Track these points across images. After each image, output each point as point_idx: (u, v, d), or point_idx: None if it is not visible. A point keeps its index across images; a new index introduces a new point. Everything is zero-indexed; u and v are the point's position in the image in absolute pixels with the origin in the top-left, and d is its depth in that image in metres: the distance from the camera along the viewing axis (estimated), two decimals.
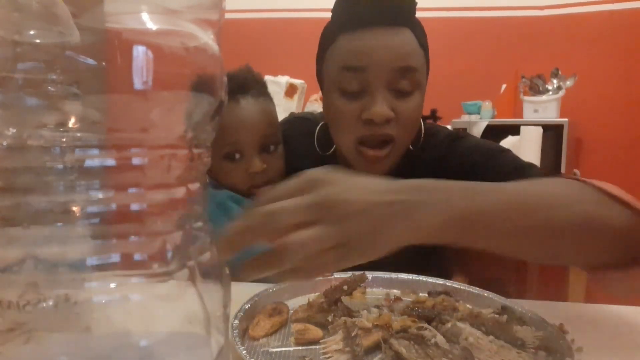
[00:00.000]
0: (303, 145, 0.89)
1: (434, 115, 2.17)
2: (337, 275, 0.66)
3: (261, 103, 0.84)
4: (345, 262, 0.40)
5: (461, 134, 0.85)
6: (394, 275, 0.69)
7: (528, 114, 2.14)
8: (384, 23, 0.71)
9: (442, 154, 0.82)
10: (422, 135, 0.83)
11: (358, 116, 0.72)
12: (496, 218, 0.47)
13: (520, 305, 0.58)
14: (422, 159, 0.83)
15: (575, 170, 2.28)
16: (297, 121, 0.96)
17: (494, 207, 0.47)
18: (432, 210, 0.43)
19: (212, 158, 0.74)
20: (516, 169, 0.73)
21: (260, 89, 0.85)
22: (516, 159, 0.77)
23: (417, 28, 0.74)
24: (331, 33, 0.75)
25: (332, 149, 0.82)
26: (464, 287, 0.65)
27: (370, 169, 0.75)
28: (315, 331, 0.52)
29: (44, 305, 0.26)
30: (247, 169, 0.80)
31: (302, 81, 2.44)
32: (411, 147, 0.81)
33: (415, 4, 0.75)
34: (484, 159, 0.78)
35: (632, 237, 0.52)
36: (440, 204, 0.44)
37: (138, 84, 0.27)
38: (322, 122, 0.86)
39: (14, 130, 0.26)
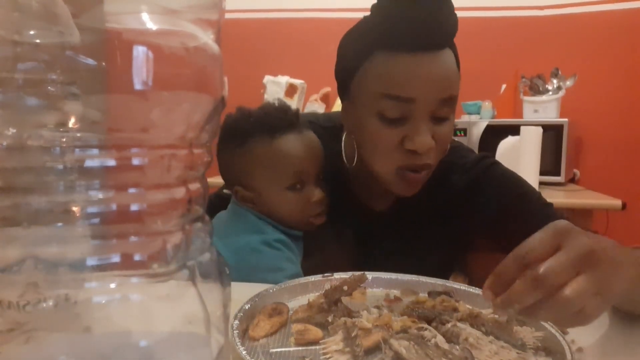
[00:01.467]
0: (327, 148, 0.86)
1: None
2: (337, 275, 0.67)
3: (312, 133, 0.83)
4: (605, 308, 0.46)
5: (492, 159, 0.84)
6: (394, 275, 0.69)
7: (528, 114, 2.14)
8: (430, 47, 0.66)
9: (475, 178, 0.81)
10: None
11: (398, 144, 0.69)
12: None
13: None
14: (452, 180, 0.82)
15: (575, 170, 2.28)
16: (304, 121, 0.92)
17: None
18: (633, 266, 0.49)
19: (268, 192, 0.77)
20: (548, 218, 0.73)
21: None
22: (549, 208, 0.78)
23: (455, 47, 0.71)
24: (365, 47, 0.69)
25: (355, 162, 0.78)
26: (464, 287, 0.65)
27: (407, 190, 0.74)
28: (315, 331, 0.52)
29: (44, 305, 0.26)
30: (309, 199, 0.79)
31: (302, 81, 2.44)
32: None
33: (457, 21, 0.70)
34: (521, 205, 0.78)
35: None
36: (634, 264, 0.49)
37: (138, 84, 0.27)
38: (345, 134, 0.82)
39: (14, 130, 0.26)
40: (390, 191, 0.76)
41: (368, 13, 0.74)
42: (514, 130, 1.86)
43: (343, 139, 0.83)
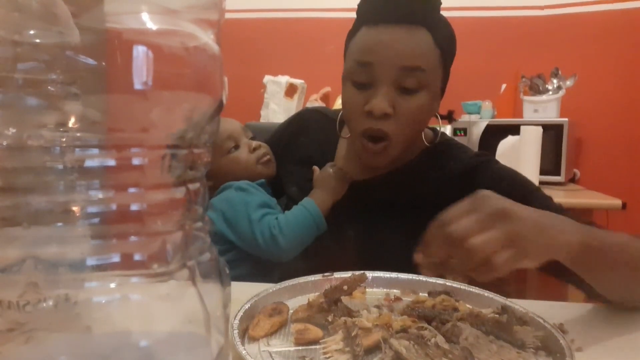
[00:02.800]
0: (321, 132, 0.95)
1: (450, 116, 2.15)
2: (337, 275, 0.67)
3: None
4: (516, 261, 0.48)
5: (491, 158, 0.87)
6: (394, 275, 0.69)
7: (528, 114, 2.14)
8: (400, 21, 0.73)
9: (469, 169, 0.83)
10: (438, 138, 0.86)
11: (362, 107, 0.75)
12: (605, 256, 0.56)
13: (520, 305, 0.58)
14: (449, 168, 0.84)
15: (575, 170, 2.28)
16: (313, 112, 1.01)
17: (607, 248, 0.56)
18: (574, 235, 0.53)
19: (219, 164, 0.89)
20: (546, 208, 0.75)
21: None
22: (548, 200, 0.78)
23: (436, 29, 0.75)
24: (355, 26, 0.79)
25: (349, 135, 0.86)
26: (464, 287, 0.65)
27: (370, 161, 0.79)
28: (315, 331, 0.52)
29: (44, 305, 0.26)
30: (249, 148, 0.94)
31: (302, 81, 2.44)
32: (426, 143, 0.84)
33: (438, 4, 0.76)
34: (517, 193, 0.80)
35: None
36: (578, 233, 0.53)
37: (138, 84, 0.27)
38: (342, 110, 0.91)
39: (14, 130, 0.26)
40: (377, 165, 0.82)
41: None
42: (514, 130, 1.86)
43: (339, 115, 0.92)
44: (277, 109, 2.38)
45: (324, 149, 0.93)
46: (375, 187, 0.87)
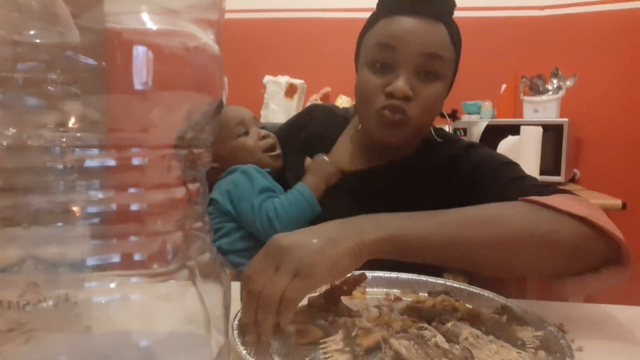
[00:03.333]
0: (326, 127, 0.98)
1: (454, 114, 2.15)
2: None
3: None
4: (305, 287, 0.49)
5: (480, 145, 0.90)
6: (394, 275, 0.69)
7: (528, 114, 2.14)
8: (422, 13, 0.77)
9: (458, 156, 0.86)
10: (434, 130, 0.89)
11: (382, 89, 0.77)
12: (427, 237, 0.56)
13: (520, 305, 0.58)
14: (439, 153, 0.87)
15: (575, 170, 2.28)
16: (321, 108, 1.05)
17: (421, 228, 0.57)
18: (372, 233, 0.54)
19: (229, 146, 0.98)
20: (512, 180, 0.77)
21: None
22: (517, 171, 0.80)
23: (452, 28, 0.80)
24: (373, 18, 0.82)
25: (360, 126, 0.89)
26: (464, 287, 0.65)
27: (389, 134, 0.80)
28: (315, 331, 0.52)
29: (44, 305, 0.26)
30: (258, 135, 0.97)
31: (302, 81, 2.43)
32: (437, 139, 0.87)
33: (454, 5, 0.80)
34: (490, 168, 0.82)
35: (584, 246, 0.58)
36: (356, 233, 0.54)
37: (138, 84, 0.27)
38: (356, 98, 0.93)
39: (14, 130, 0.26)
40: (383, 151, 0.84)
41: (368, 13, 0.83)
42: (514, 130, 1.86)
43: (352, 107, 0.95)
44: (277, 109, 2.38)
45: (325, 143, 0.95)
46: (373, 179, 0.88)
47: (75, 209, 0.27)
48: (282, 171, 0.99)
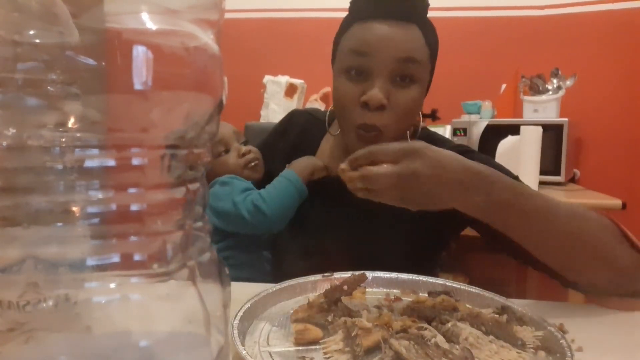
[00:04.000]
0: (307, 132, 0.97)
1: (433, 114, 2.16)
2: (337, 275, 0.67)
3: None
4: (405, 199, 0.57)
5: (470, 149, 0.89)
6: (394, 275, 0.69)
7: (528, 114, 2.14)
8: (394, 17, 0.75)
9: None
10: (418, 133, 0.88)
11: (358, 99, 0.76)
12: (529, 216, 0.60)
13: (520, 305, 0.58)
14: None
15: (575, 170, 2.28)
16: (301, 113, 1.03)
17: (529, 208, 0.60)
18: (479, 193, 0.58)
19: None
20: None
21: None
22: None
23: (426, 28, 0.78)
24: (346, 22, 0.81)
25: (339, 131, 0.88)
26: (464, 287, 0.65)
27: None
28: (315, 331, 0.52)
29: (44, 305, 0.26)
30: (238, 153, 0.96)
31: (302, 81, 2.44)
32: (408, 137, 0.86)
33: (427, 5, 0.79)
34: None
35: (633, 273, 0.63)
36: (486, 190, 0.58)
37: (138, 84, 0.27)
38: (332, 107, 0.92)
39: (14, 130, 0.26)
40: None
41: None
42: (514, 130, 1.86)
43: (328, 111, 0.94)
44: (277, 109, 2.38)
45: (307, 148, 0.95)
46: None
47: (75, 209, 0.27)
48: (264, 182, 0.98)
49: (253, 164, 0.95)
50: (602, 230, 0.63)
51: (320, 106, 2.45)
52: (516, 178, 0.80)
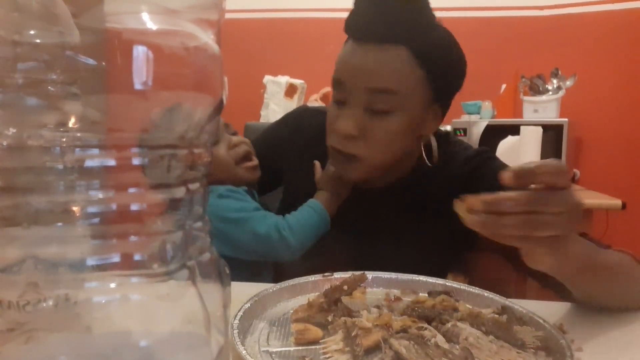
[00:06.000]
0: (318, 134, 0.92)
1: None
2: (337, 275, 0.67)
3: None
4: (556, 251, 0.48)
5: (491, 155, 0.86)
6: (394, 275, 0.69)
7: (528, 114, 2.14)
8: (375, 39, 0.70)
9: (473, 168, 0.82)
10: (436, 152, 0.84)
11: (334, 123, 0.75)
12: (600, 272, 0.56)
13: (520, 305, 0.58)
14: (445, 174, 0.83)
15: (575, 170, 2.28)
16: (313, 112, 0.98)
17: (599, 266, 0.56)
18: (579, 253, 0.51)
19: None
20: None
21: None
22: None
23: (422, 48, 0.71)
24: (346, 38, 0.77)
25: None
26: (464, 287, 0.65)
27: (342, 170, 0.78)
28: (315, 331, 0.52)
29: (44, 305, 0.26)
30: (229, 143, 0.88)
31: (302, 81, 2.44)
32: (428, 164, 0.82)
33: (425, 19, 0.72)
34: None
35: None
36: (582, 252, 0.52)
37: (138, 84, 0.27)
38: None
39: (14, 130, 0.26)
40: (388, 173, 0.81)
41: None
42: (514, 130, 1.86)
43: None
44: (277, 109, 2.38)
45: (323, 150, 0.90)
46: (381, 196, 0.86)
47: (75, 209, 0.27)
48: (272, 179, 0.96)
49: (251, 164, 0.88)
50: (633, 269, 0.62)
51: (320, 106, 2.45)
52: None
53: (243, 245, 0.81)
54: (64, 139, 0.26)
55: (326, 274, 0.67)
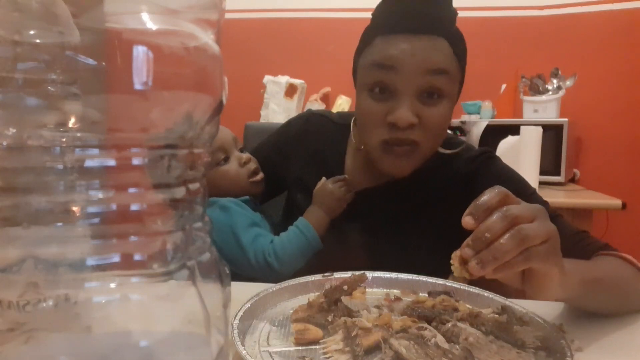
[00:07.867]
0: (328, 137, 0.92)
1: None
2: (337, 275, 0.67)
3: None
4: (547, 257, 0.46)
5: (493, 155, 0.87)
6: (394, 275, 0.69)
7: (528, 114, 2.14)
8: (420, 31, 0.72)
9: (476, 168, 0.83)
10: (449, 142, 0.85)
11: (383, 117, 0.73)
12: (593, 287, 0.56)
13: (520, 305, 0.58)
14: (454, 168, 0.84)
15: (575, 170, 2.28)
16: (318, 117, 0.97)
17: (591, 281, 0.56)
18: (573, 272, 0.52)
19: (207, 176, 0.78)
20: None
21: None
22: (545, 205, 0.77)
23: (455, 40, 0.75)
24: (368, 35, 0.77)
25: (362, 146, 0.84)
26: (464, 287, 0.65)
27: (394, 167, 0.76)
28: (315, 331, 0.52)
29: (44, 305, 0.26)
30: (239, 161, 0.91)
31: (302, 81, 2.44)
32: (447, 152, 0.83)
33: (455, 15, 0.76)
34: (519, 196, 0.81)
35: None
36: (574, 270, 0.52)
37: (138, 84, 0.27)
38: (354, 117, 0.89)
39: (14, 130, 0.26)
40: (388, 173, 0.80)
41: (368, 13, 0.79)
42: (514, 130, 1.86)
43: (351, 123, 0.90)
44: (277, 109, 2.37)
45: (330, 155, 0.91)
46: (383, 195, 0.86)
47: (75, 209, 0.27)
48: (276, 189, 0.96)
49: (257, 177, 0.90)
50: (632, 277, 0.63)
51: (320, 106, 2.45)
52: (535, 193, 0.80)
53: (234, 261, 0.83)
54: (64, 139, 0.26)
55: (326, 274, 0.67)
